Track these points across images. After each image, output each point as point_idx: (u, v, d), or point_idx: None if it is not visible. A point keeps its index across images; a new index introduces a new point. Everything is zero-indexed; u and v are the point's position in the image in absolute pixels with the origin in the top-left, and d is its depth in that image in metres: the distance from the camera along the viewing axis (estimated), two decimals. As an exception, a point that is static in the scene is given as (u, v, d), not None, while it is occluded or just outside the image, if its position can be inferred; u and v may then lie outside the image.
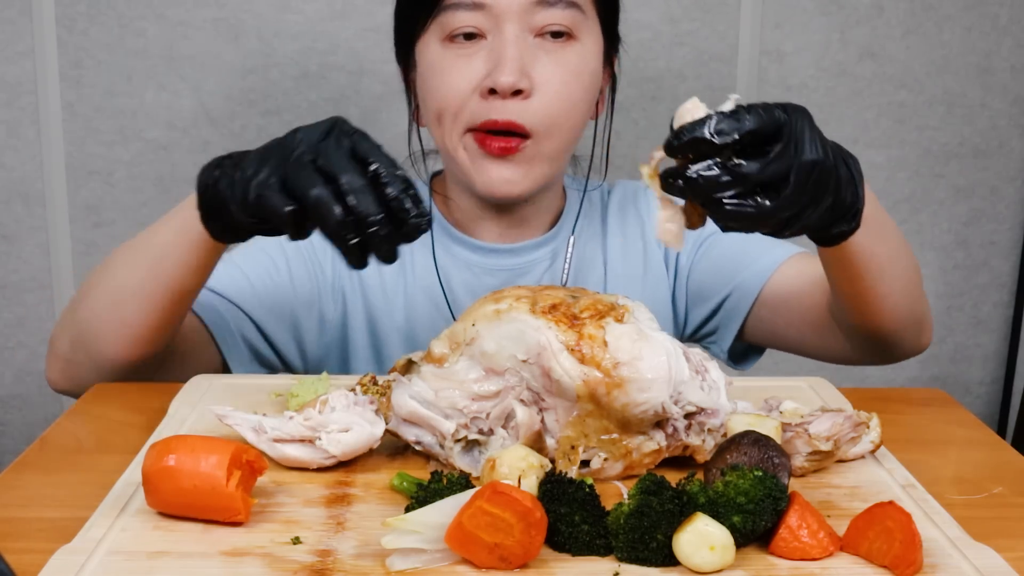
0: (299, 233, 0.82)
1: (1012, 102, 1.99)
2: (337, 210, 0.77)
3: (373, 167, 0.78)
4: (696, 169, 0.73)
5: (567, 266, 1.21)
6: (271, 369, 1.19)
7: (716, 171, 0.73)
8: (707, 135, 0.72)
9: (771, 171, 0.74)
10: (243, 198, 0.85)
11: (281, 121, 1.88)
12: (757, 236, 1.14)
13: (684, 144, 0.73)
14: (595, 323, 0.76)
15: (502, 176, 1.11)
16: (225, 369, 1.13)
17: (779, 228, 0.79)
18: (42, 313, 1.95)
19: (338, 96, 1.88)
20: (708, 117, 0.73)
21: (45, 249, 1.92)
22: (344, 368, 1.21)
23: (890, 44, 1.94)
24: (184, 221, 0.95)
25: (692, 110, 0.75)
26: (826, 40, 1.93)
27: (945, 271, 2.06)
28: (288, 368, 1.21)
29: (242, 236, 0.91)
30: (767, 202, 0.75)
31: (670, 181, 0.75)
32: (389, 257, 0.78)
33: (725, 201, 0.74)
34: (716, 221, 0.76)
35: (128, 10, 1.83)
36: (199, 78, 1.86)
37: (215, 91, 1.87)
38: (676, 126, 0.74)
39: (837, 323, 1.10)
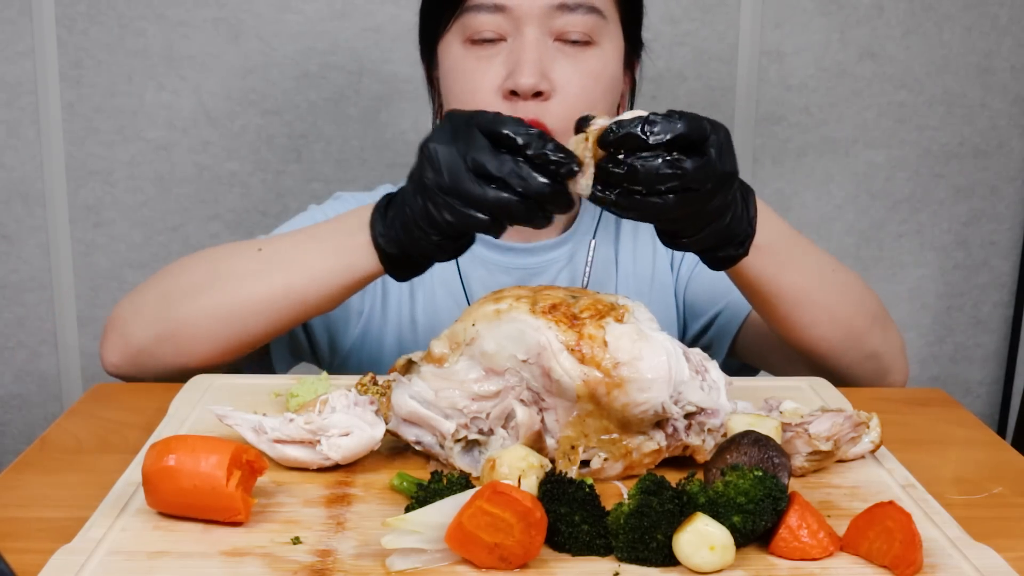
0: (500, 230, 0.86)
1: (1012, 102, 1.99)
2: (517, 203, 0.82)
3: (509, 137, 0.82)
4: (640, 158, 0.78)
5: (588, 270, 1.22)
6: (300, 361, 1.21)
7: (658, 162, 0.78)
8: (640, 133, 0.78)
9: (705, 173, 0.80)
10: (444, 230, 0.87)
11: (281, 121, 1.89)
12: None
13: (619, 138, 0.78)
14: (595, 323, 0.76)
15: None
16: (265, 360, 1.15)
17: (680, 230, 0.86)
18: (42, 313, 1.95)
19: (338, 96, 1.88)
20: (642, 117, 0.79)
21: (45, 249, 1.92)
22: (370, 362, 1.22)
23: (890, 44, 1.94)
24: (353, 262, 0.96)
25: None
26: (826, 40, 1.93)
27: (945, 271, 2.06)
28: (318, 361, 1.22)
29: (424, 269, 0.95)
30: (671, 196, 0.80)
31: (610, 166, 0.79)
32: (566, 207, 0.83)
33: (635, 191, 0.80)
34: (617, 207, 0.81)
35: (128, 10, 1.83)
36: (199, 78, 1.86)
37: (215, 91, 1.87)
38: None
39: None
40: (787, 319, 1.03)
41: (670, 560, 0.65)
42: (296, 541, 0.68)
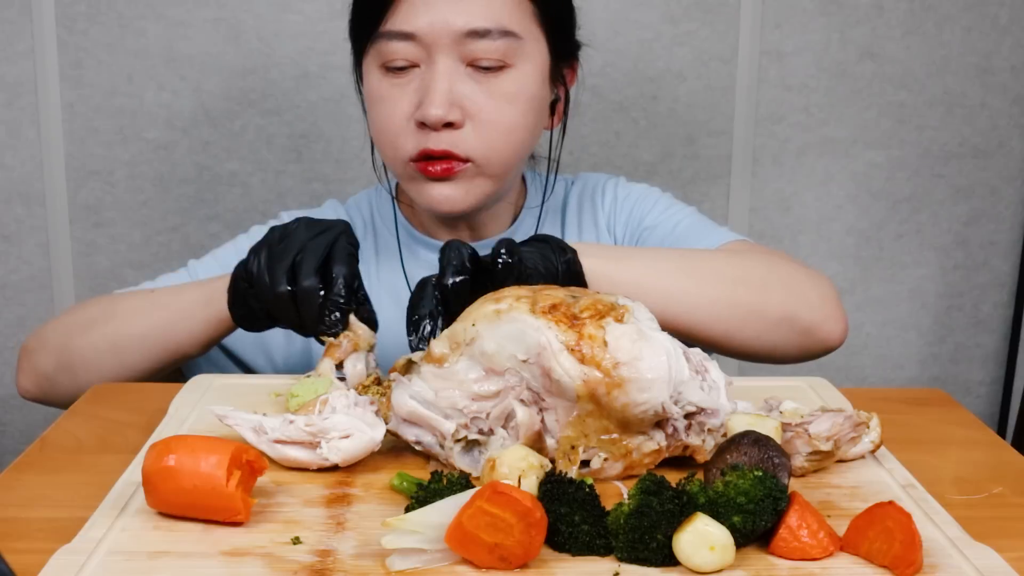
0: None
1: (1012, 102, 1.99)
2: (292, 312, 0.94)
3: (333, 276, 0.94)
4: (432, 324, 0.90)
5: None
6: None
7: (430, 307, 0.91)
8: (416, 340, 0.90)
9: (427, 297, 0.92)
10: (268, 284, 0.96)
11: (281, 121, 1.88)
12: (693, 227, 1.21)
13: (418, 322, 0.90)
14: (595, 323, 0.76)
15: (443, 194, 1.12)
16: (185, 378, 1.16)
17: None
18: (42, 313, 1.95)
19: (338, 96, 1.88)
20: (418, 306, 0.91)
21: (45, 249, 1.92)
22: (309, 368, 1.22)
23: (890, 44, 1.94)
24: (210, 294, 1.02)
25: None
26: (826, 40, 1.93)
27: (945, 271, 2.06)
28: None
29: (260, 325, 1.00)
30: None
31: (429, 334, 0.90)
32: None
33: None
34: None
35: (128, 10, 1.83)
36: (199, 78, 1.86)
37: (215, 91, 1.87)
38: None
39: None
40: (666, 320, 1.02)
41: (670, 560, 0.65)
42: (296, 541, 0.68)
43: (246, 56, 1.86)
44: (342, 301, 0.93)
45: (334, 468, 0.80)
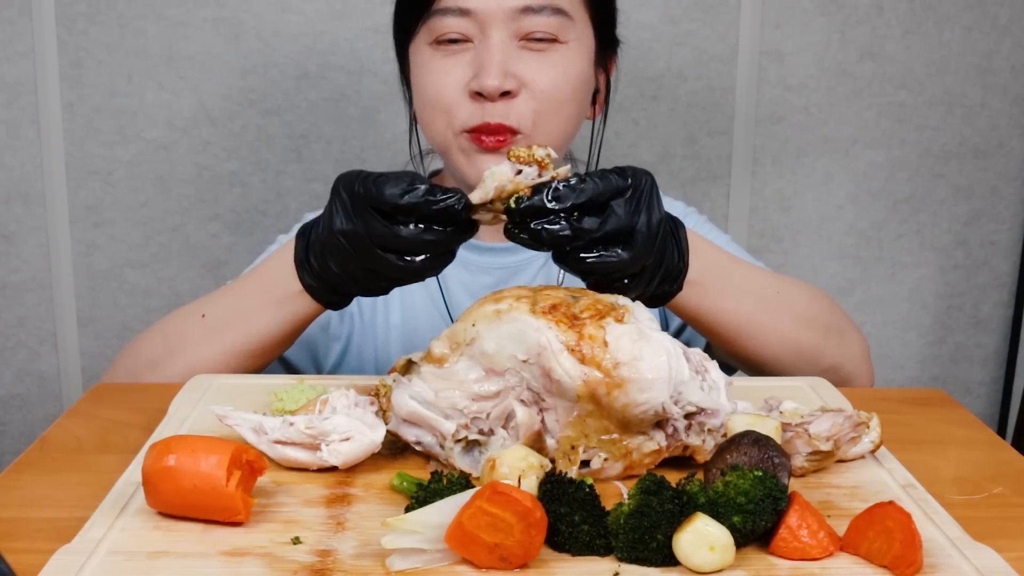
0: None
1: (1012, 102, 1.99)
2: (430, 260, 0.88)
3: (402, 206, 0.86)
4: (541, 222, 0.82)
5: (562, 274, 1.22)
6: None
7: (559, 225, 0.82)
8: (545, 203, 0.82)
9: (609, 227, 0.84)
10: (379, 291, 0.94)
11: (281, 121, 1.88)
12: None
13: (524, 209, 0.83)
14: (595, 323, 0.76)
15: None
16: None
17: (625, 285, 0.89)
18: (42, 313, 1.95)
19: (338, 96, 1.88)
20: (547, 186, 0.82)
21: (45, 249, 1.92)
22: (356, 370, 1.22)
23: (890, 44, 1.94)
24: (295, 311, 1.00)
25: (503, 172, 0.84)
26: (826, 40, 1.93)
27: (945, 271, 2.06)
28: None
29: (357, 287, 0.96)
30: (624, 253, 0.85)
31: (515, 231, 0.84)
32: (473, 232, 0.89)
33: (587, 256, 0.85)
34: (574, 273, 0.87)
35: (128, 10, 1.83)
36: (199, 78, 1.86)
37: (215, 91, 1.87)
38: (490, 186, 0.83)
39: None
40: (732, 345, 1.05)
41: (670, 560, 0.65)
42: (296, 541, 0.68)
43: (246, 56, 1.86)
44: (426, 193, 0.86)
45: (334, 468, 0.80)
